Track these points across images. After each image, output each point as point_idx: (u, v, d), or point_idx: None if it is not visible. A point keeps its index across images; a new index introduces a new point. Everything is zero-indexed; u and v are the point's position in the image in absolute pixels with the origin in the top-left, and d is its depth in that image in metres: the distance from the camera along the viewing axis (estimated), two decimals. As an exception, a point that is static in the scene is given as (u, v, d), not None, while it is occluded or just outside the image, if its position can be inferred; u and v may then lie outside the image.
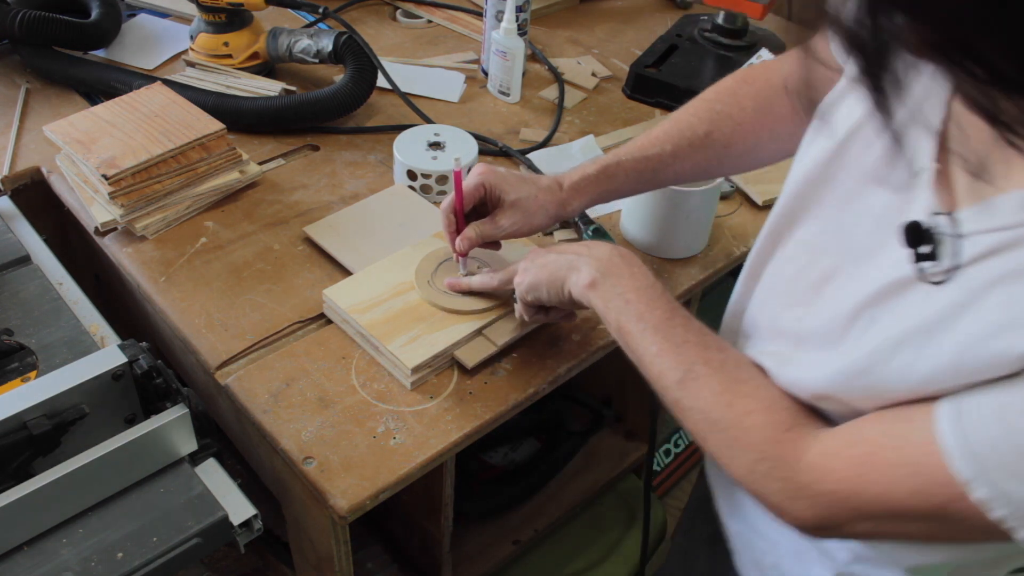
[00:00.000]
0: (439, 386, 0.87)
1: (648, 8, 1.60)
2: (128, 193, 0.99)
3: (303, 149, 1.19)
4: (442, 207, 0.89)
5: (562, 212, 0.89)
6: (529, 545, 1.28)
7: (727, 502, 0.87)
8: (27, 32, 1.20)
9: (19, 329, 0.87)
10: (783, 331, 0.70)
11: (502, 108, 1.30)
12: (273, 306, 0.94)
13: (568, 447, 1.36)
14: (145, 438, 0.75)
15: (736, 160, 0.90)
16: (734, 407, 0.65)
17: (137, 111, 1.07)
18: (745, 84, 0.88)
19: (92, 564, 0.70)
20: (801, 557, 0.78)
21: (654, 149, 0.88)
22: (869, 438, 0.58)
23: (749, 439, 0.64)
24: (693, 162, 0.88)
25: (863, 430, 0.59)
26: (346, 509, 0.76)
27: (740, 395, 0.65)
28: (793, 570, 0.80)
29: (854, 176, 0.64)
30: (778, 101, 0.86)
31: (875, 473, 0.56)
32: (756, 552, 0.84)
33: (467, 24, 1.49)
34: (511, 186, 0.88)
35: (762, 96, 0.87)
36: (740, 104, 0.87)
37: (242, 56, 1.27)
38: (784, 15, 1.70)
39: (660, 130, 0.89)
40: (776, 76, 0.87)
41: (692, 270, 1.03)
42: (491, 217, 0.88)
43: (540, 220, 0.89)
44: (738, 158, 0.89)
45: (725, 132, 0.87)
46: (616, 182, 0.89)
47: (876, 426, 0.58)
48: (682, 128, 0.88)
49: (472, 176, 0.87)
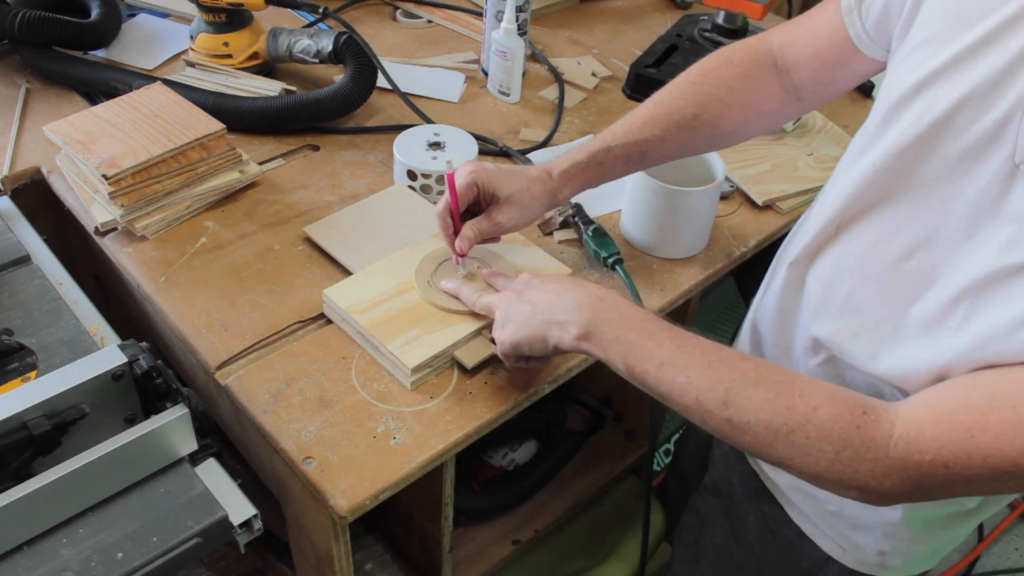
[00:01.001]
0: (439, 386, 0.87)
1: (648, 8, 1.60)
2: (128, 193, 0.99)
3: (303, 149, 1.19)
4: (437, 211, 0.88)
5: (554, 201, 0.90)
6: (529, 545, 1.28)
7: None
8: (27, 32, 1.20)
9: (19, 329, 0.87)
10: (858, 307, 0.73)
11: (502, 108, 1.30)
12: (273, 306, 0.94)
13: (568, 447, 1.36)
14: (145, 438, 0.75)
15: (724, 138, 0.91)
16: (796, 409, 0.65)
17: (137, 111, 1.07)
18: (731, 65, 0.89)
19: (92, 564, 0.70)
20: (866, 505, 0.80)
21: (643, 134, 0.88)
22: (976, 403, 0.60)
23: (825, 433, 0.63)
24: (681, 142, 0.89)
25: (963, 396, 0.61)
26: (346, 509, 0.76)
27: (796, 396, 0.65)
28: (859, 513, 0.83)
29: (939, 165, 0.65)
30: (765, 79, 0.88)
31: (987, 435, 0.58)
32: (816, 502, 0.87)
33: (467, 24, 1.49)
34: (502, 182, 0.87)
35: (750, 76, 0.88)
36: (728, 85, 0.88)
37: (242, 56, 1.27)
38: (784, 15, 1.70)
39: (647, 114, 0.89)
40: (763, 55, 0.88)
41: (692, 270, 1.03)
42: (487, 214, 0.88)
43: (535, 211, 0.89)
44: (726, 136, 0.91)
45: (713, 113, 0.88)
46: (605, 168, 0.90)
47: (979, 391, 0.60)
48: (670, 112, 0.88)
49: (463, 176, 0.87)
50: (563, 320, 0.74)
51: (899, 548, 0.84)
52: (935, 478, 0.61)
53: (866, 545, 0.85)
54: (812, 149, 1.20)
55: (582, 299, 0.74)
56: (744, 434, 0.66)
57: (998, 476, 0.59)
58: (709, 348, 0.69)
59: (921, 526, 0.82)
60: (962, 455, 0.59)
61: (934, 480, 0.61)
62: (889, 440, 0.62)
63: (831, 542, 0.88)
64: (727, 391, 0.66)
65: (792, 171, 1.16)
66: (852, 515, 0.84)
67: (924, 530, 0.83)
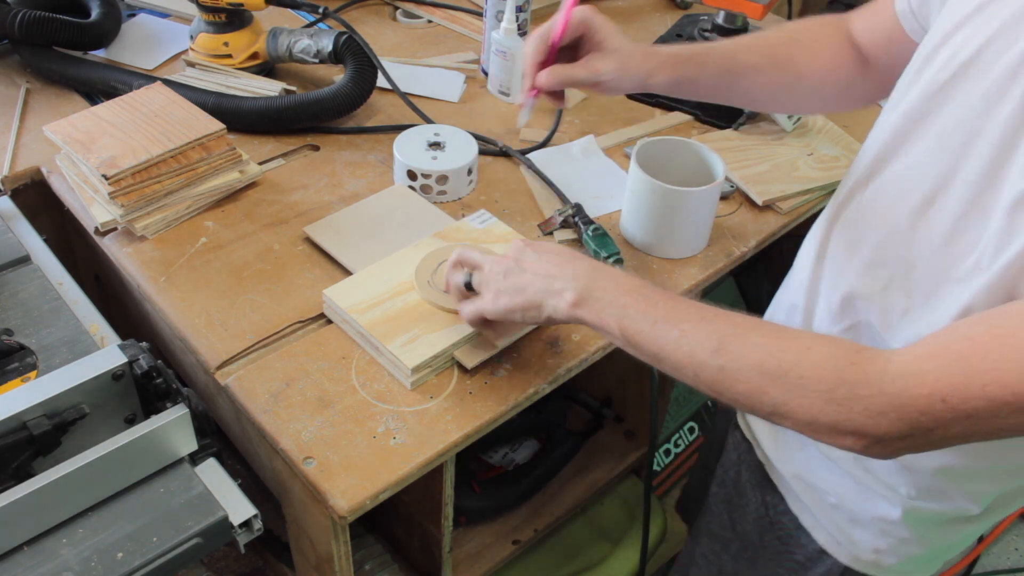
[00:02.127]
0: (439, 386, 0.87)
1: (648, 8, 1.60)
2: (128, 193, 0.99)
3: (303, 149, 1.19)
4: (535, 33, 0.83)
5: (647, 81, 0.86)
6: (529, 545, 1.28)
7: (775, 447, 0.88)
8: (27, 32, 1.20)
9: (19, 329, 0.87)
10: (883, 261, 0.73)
11: (502, 108, 1.30)
12: (273, 306, 0.95)
13: (568, 447, 1.36)
14: (145, 438, 0.75)
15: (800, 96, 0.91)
16: (789, 349, 0.64)
17: (137, 111, 1.07)
18: (827, 27, 0.90)
19: (92, 564, 0.70)
20: (866, 494, 0.81)
21: (743, 56, 0.87)
22: (974, 334, 0.59)
23: (818, 372, 0.62)
24: (769, 80, 0.88)
25: (963, 330, 0.60)
26: (346, 509, 0.76)
27: (789, 338, 0.65)
28: (857, 507, 0.83)
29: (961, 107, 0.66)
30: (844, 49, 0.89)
31: (985, 362, 0.57)
32: (816, 493, 0.86)
33: (467, 24, 1.49)
34: (614, 34, 0.84)
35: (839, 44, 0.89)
36: (821, 42, 0.89)
37: (242, 56, 1.27)
38: (784, 15, 1.70)
39: (748, 40, 0.89)
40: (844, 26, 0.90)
41: (692, 270, 1.03)
42: (584, 61, 0.84)
43: (630, 79, 0.85)
44: (803, 95, 0.91)
45: (803, 62, 0.88)
46: (703, 71, 0.86)
47: (979, 324, 0.60)
48: (770, 43, 0.88)
49: (579, 10, 0.83)
50: (559, 288, 0.74)
51: (895, 547, 0.84)
52: (932, 415, 0.59)
53: (862, 540, 0.85)
54: (812, 149, 1.21)
55: (579, 269, 0.75)
56: (737, 382, 0.65)
57: (997, 409, 0.57)
58: (704, 307, 0.69)
59: (919, 525, 0.82)
60: (960, 386, 0.57)
61: (932, 419, 0.59)
62: (884, 374, 0.60)
63: (827, 535, 0.88)
64: (720, 339, 0.66)
65: (792, 171, 1.16)
66: (850, 508, 0.84)
67: (922, 531, 0.83)
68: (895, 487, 0.79)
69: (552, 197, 1.12)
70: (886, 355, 0.62)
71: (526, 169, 1.17)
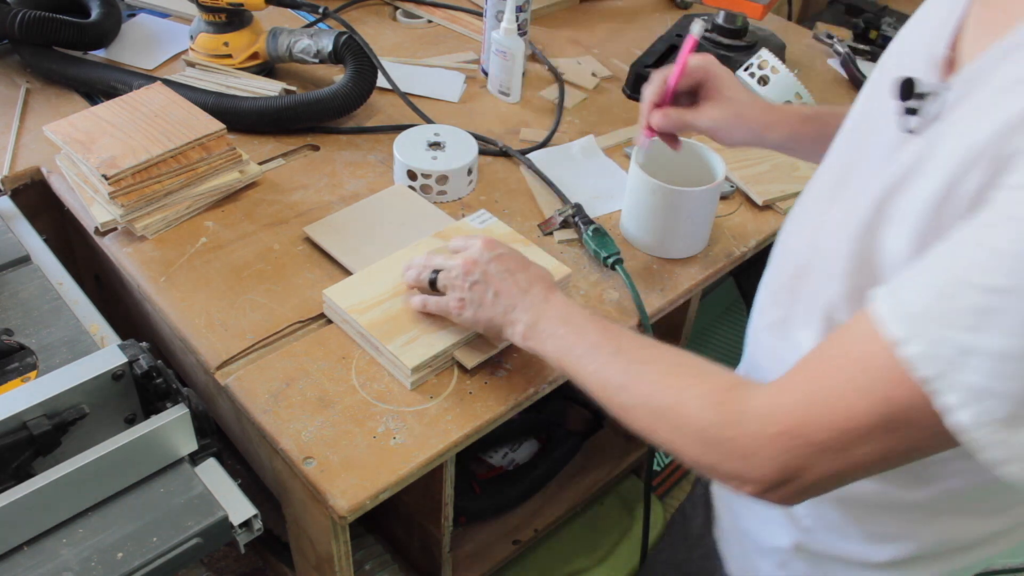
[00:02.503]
0: (439, 386, 0.87)
1: (648, 8, 1.60)
2: (128, 193, 0.99)
3: (303, 149, 1.19)
4: (656, 74, 0.84)
5: (763, 134, 0.86)
6: (529, 545, 1.28)
7: None
8: (27, 32, 1.20)
9: (19, 329, 0.87)
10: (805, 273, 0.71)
11: (502, 108, 1.30)
12: (273, 306, 0.95)
13: (568, 447, 1.36)
14: (145, 438, 0.75)
15: None
16: (672, 387, 0.62)
17: (137, 111, 1.07)
18: None
19: (92, 564, 0.70)
20: (768, 522, 0.79)
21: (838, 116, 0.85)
22: (812, 359, 0.57)
23: (691, 412, 0.60)
24: None
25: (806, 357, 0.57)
26: (346, 509, 0.76)
27: (679, 375, 0.63)
28: (760, 534, 0.80)
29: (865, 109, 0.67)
30: None
31: (824, 390, 0.53)
32: (733, 516, 0.85)
33: (467, 24, 1.49)
34: (732, 82, 0.85)
35: None
36: None
37: (242, 56, 1.27)
38: (784, 15, 1.70)
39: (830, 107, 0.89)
40: None
41: (692, 270, 1.03)
42: (701, 106, 0.85)
43: (742, 133, 0.86)
44: None
45: None
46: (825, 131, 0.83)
47: (819, 349, 0.57)
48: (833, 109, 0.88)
49: (697, 57, 0.84)
50: (514, 320, 0.78)
51: None
52: (794, 454, 0.54)
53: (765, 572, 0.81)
54: (812, 149, 1.21)
55: (533, 299, 0.78)
56: (635, 419, 0.65)
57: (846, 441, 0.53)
58: (627, 336, 0.70)
59: (816, 564, 0.76)
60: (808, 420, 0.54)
61: (795, 457, 0.54)
62: (745, 414, 0.57)
63: (736, 564, 0.85)
64: (625, 374, 0.66)
65: (792, 171, 1.16)
66: (754, 536, 0.80)
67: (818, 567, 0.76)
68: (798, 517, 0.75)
69: (552, 197, 1.12)
70: (752, 392, 0.58)
71: (526, 169, 1.17)
